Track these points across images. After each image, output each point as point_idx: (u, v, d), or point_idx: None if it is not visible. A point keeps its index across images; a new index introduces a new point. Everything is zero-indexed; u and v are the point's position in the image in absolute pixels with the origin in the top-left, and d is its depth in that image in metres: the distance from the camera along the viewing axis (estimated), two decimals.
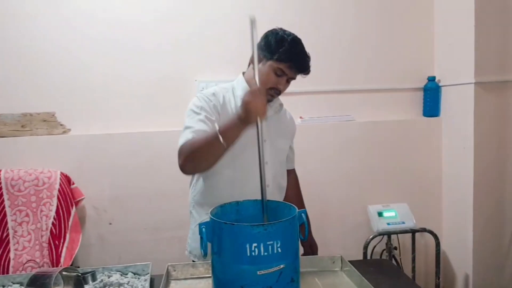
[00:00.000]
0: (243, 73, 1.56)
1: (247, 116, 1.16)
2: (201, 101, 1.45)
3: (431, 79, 2.63)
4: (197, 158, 1.31)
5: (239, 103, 1.45)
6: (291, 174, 1.78)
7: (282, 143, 1.62)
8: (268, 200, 1.20)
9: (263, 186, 1.16)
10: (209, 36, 2.43)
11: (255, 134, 1.18)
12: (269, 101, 1.49)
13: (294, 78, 1.46)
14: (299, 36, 1.44)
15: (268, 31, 1.45)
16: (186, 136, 1.35)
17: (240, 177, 1.47)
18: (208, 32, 2.43)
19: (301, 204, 1.81)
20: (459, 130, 2.50)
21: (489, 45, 2.35)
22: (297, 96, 2.50)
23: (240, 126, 1.20)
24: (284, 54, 1.38)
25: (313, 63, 1.43)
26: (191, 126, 1.38)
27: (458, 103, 2.51)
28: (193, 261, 1.55)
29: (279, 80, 1.42)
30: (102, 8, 2.34)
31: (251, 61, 1.48)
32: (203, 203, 1.55)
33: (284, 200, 1.66)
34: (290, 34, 1.43)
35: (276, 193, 1.58)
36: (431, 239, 2.45)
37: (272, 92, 1.45)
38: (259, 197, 1.17)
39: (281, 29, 1.45)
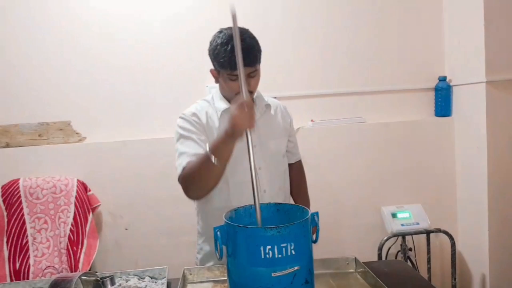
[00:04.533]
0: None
1: (235, 130, 1.15)
2: (186, 123, 1.44)
3: (442, 79, 2.61)
4: (197, 185, 1.32)
5: (219, 113, 1.45)
6: (295, 166, 1.71)
7: (275, 144, 1.54)
8: (280, 204, 1.21)
9: (255, 192, 1.11)
10: None
11: (243, 142, 1.17)
12: None
13: (255, 70, 1.37)
14: (310, 37, 1.34)
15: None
16: (181, 164, 1.35)
17: (234, 189, 1.44)
18: None
19: (300, 195, 1.71)
20: (472, 129, 2.48)
21: (500, 43, 2.33)
22: (308, 99, 2.52)
23: (229, 141, 1.19)
24: (225, 61, 1.32)
25: (323, 66, 1.40)
26: (185, 152, 1.37)
27: (470, 102, 2.49)
28: None
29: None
30: (118, 17, 2.39)
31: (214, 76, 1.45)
32: (204, 213, 1.55)
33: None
34: (223, 36, 1.33)
35: (275, 196, 1.50)
36: (446, 239, 2.43)
37: None
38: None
39: (219, 32, 1.37)
